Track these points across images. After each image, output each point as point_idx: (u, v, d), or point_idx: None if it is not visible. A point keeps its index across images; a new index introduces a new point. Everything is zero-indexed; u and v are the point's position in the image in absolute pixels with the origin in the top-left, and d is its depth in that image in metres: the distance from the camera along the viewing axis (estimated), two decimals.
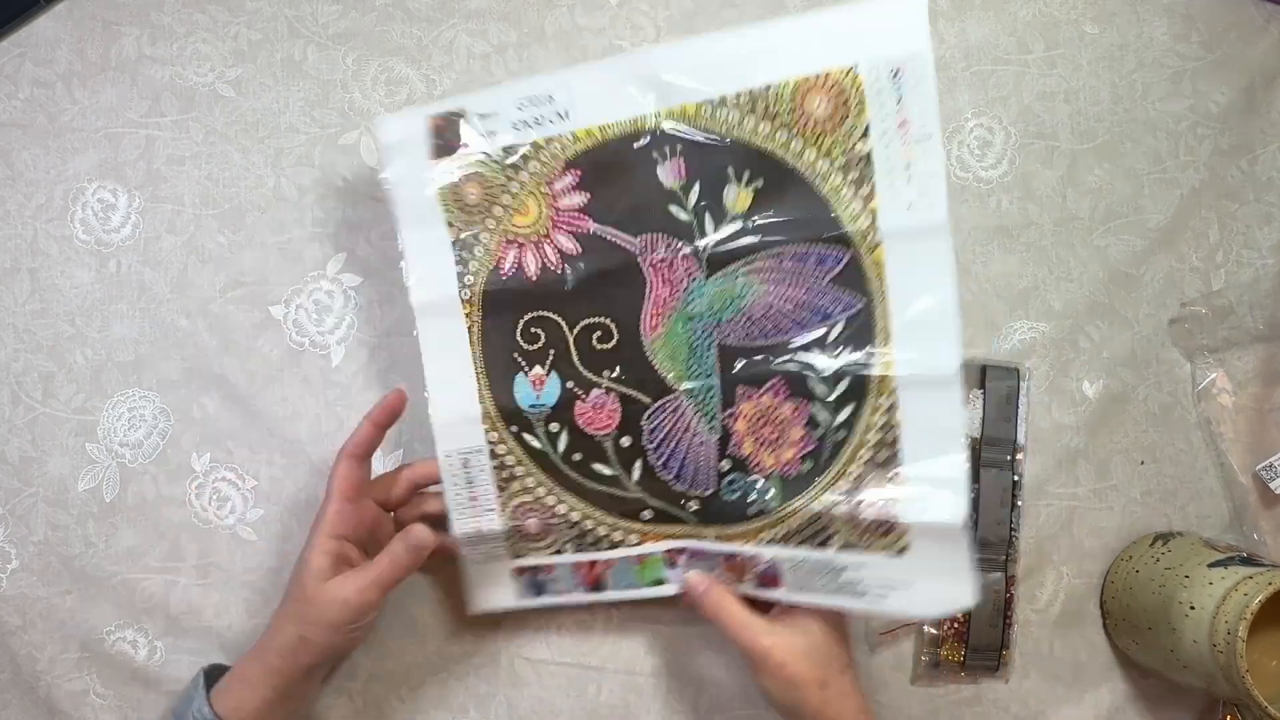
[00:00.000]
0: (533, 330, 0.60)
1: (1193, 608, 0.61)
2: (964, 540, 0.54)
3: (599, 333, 0.60)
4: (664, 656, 0.68)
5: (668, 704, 0.68)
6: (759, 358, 0.57)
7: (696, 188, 0.57)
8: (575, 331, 0.60)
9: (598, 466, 0.61)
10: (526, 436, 0.61)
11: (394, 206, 0.60)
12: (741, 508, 0.59)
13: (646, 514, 0.61)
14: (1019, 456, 0.68)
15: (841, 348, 0.55)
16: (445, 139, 0.59)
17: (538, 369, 0.61)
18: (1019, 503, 0.68)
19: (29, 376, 0.68)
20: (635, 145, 0.57)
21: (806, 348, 0.56)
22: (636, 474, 0.61)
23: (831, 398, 0.56)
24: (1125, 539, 0.70)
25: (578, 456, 0.61)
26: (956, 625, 0.68)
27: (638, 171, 0.57)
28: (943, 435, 0.54)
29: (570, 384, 0.60)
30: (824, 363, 0.56)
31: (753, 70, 0.54)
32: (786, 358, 0.57)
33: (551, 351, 0.60)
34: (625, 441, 0.60)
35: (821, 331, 0.56)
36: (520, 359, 0.61)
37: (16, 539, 0.68)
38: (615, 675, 0.68)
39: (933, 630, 0.68)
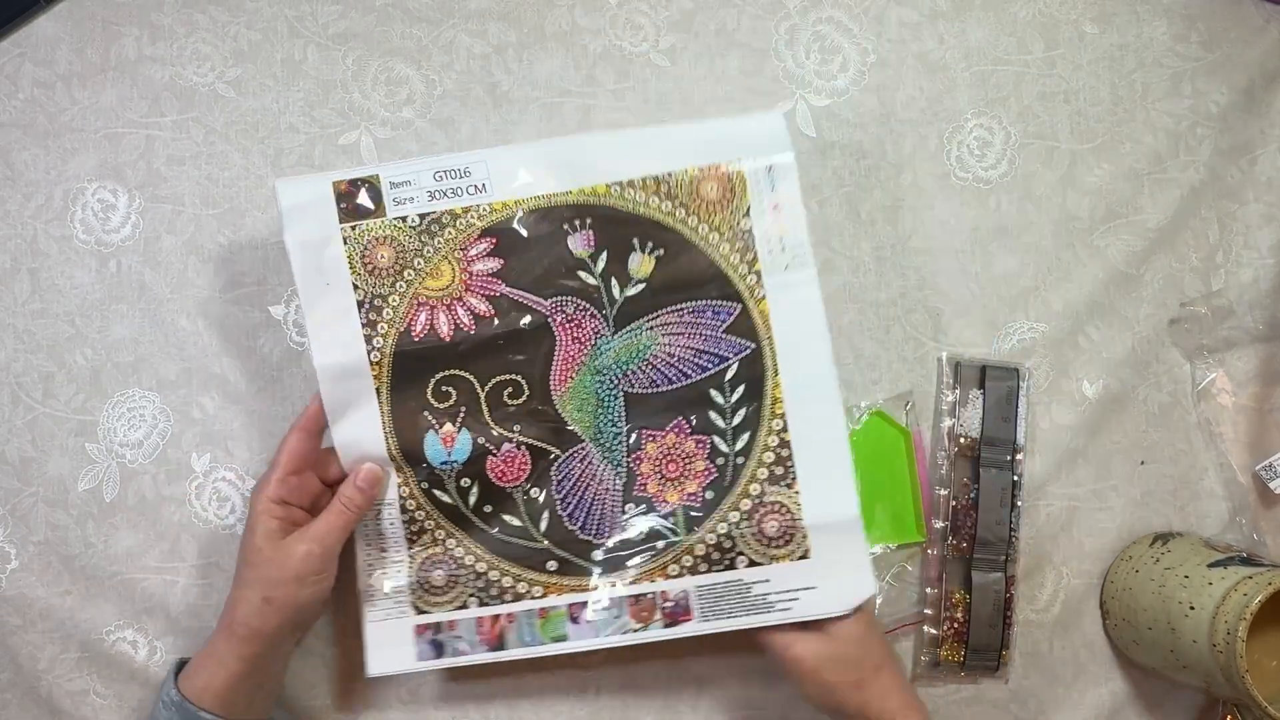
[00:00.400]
0: (444, 388, 0.62)
1: (1193, 608, 0.61)
2: (859, 531, 0.61)
3: (510, 389, 0.63)
4: (664, 657, 0.68)
5: (667, 704, 0.68)
6: (663, 401, 0.63)
7: (604, 255, 0.62)
8: (487, 388, 0.62)
9: (507, 517, 0.64)
10: (437, 492, 0.63)
11: (295, 270, 0.61)
12: (649, 546, 0.63)
13: (551, 564, 0.63)
14: (1019, 456, 0.68)
15: (738, 384, 0.62)
16: (354, 203, 0.61)
17: (448, 426, 0.62)
18: (1019, 503, 0.68)
19: (29, 376, 0.68)
20: (549, 218, 0.62)
21: (706, 386, 0.63)
22: (544, 525, 0.63)
23: (730, 428, 0.63)
24: (1125, 539, 0.70)
25: (488, 508, 0.64)
26: (956, 625, 0.68)
27: (550, 241, 0.62)
28: (830, 443, 0.62)
29: (481, 439, 0.63)
30: (722, 398, 0.63)
31: (658, 159, 0.62)
32: (689, 396, 0.63)
33: (462, 409, 0.63)
34: (535, 492, 0.63)
35: (718, 371, 0.62)
36: (431, 417, 0.62)
37: (16, 539, 0.68)
38: (615, 675, 0.68)
39: (933, 630, 0.68)
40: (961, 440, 0.69)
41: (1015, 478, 0.68)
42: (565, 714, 0.68)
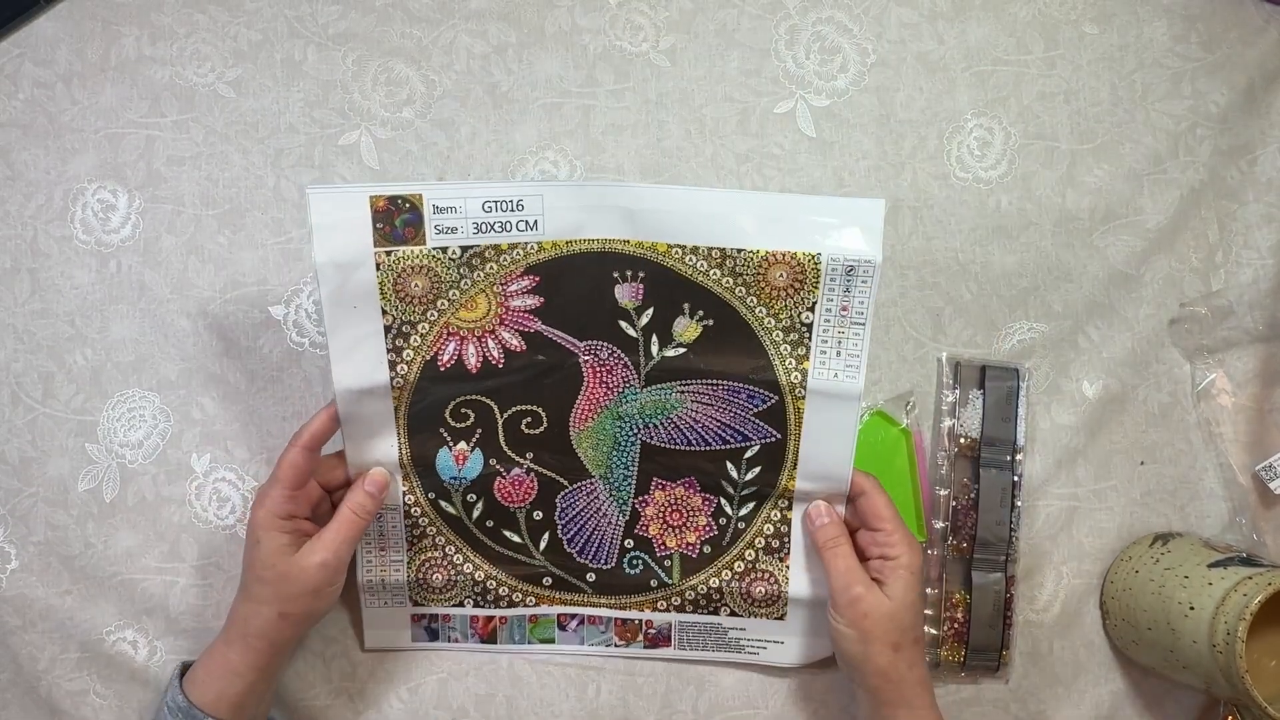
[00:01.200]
0: (463, 410, 0.62)
1: (1192, 608, 0.61)
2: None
3: (528, 419, 0.63)
4: (664, 657, 0.68)
5: (667, 704, 0.68)
6: (679, 459, 0.64)
7: (650, 312, 0.61)
8: (506, 415, 0.62)
9: (508, 534, 0.65)
10: (443, 504, 0.64)
11: (322, 290, 0.57)
12: (641, 581, 0.66)
13: (547, 580, 0.66)
14: (1019, 456, 0.68)
15: (755, 465, 0.63)
16: (392, 224, 0.58)
17: (462, 445, 0.63)
18: (1019, 503, 0.68)
19: (29, 376, 0.68)
20: (600, 263, 0.60)
21: (724, 457, 0.63)
22: (543, 545, 0.65)
23: (738, 497, 0.64)
24: (1125, 539, 0.70)
25: (490, 523, 0.65)
26: (956, 625, 0.68)
27: (596, 286, 0.60)
28: None
29: (493, 461, 0.63)
30: (736, 472, 0.63)
31: (730, 232, 0.59)
32: (705, 462, 0.63)
33: (479, 431, 0.63)
34: (538, 515, 0.65)
35: (739, 448, 0.63)
36: (446, 434, 0.63)
37: (16, 539, 0.68)
38: (615, 675, 0.68)
39: (933, 630, 0.68)
40: (961, 440, 0.69)
41: (1015, 478, 0.68)
42: (565, 714, 0.68)
